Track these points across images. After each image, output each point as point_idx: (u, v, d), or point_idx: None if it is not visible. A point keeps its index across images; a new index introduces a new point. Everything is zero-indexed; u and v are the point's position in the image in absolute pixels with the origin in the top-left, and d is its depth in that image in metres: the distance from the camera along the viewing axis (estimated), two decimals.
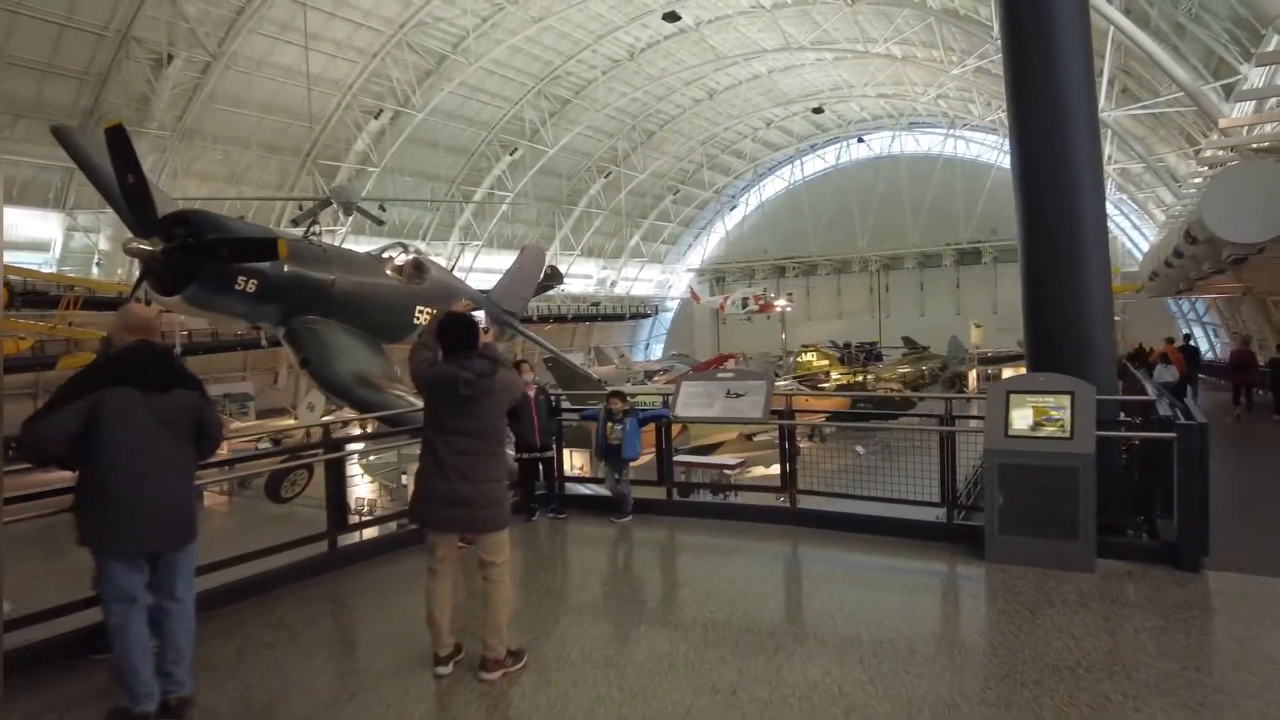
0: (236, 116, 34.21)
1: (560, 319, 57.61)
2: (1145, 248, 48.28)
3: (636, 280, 69.34)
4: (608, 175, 55.41)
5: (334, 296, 10.76)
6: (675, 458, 27.33)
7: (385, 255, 11.95)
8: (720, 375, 8.33)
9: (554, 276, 33.72)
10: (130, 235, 9.13)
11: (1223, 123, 13.71)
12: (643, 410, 8.66)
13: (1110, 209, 54.92)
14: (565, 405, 9.66)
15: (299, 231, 12.42)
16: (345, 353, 10.62)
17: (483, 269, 47.79)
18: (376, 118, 38.85)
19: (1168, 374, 14.00)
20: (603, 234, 61.09)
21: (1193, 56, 21.92)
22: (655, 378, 54.89)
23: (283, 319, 10.71)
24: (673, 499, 8.77)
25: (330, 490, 7.12)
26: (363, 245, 42.28)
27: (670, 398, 8.57)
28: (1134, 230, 53.78)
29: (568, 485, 9.15)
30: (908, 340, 59.38)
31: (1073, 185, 6.56)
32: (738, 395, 7.64)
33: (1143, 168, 37.85)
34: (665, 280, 74.10)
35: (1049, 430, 6.23)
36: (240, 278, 9.77)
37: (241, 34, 30.55)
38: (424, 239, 47.54)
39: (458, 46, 37.65)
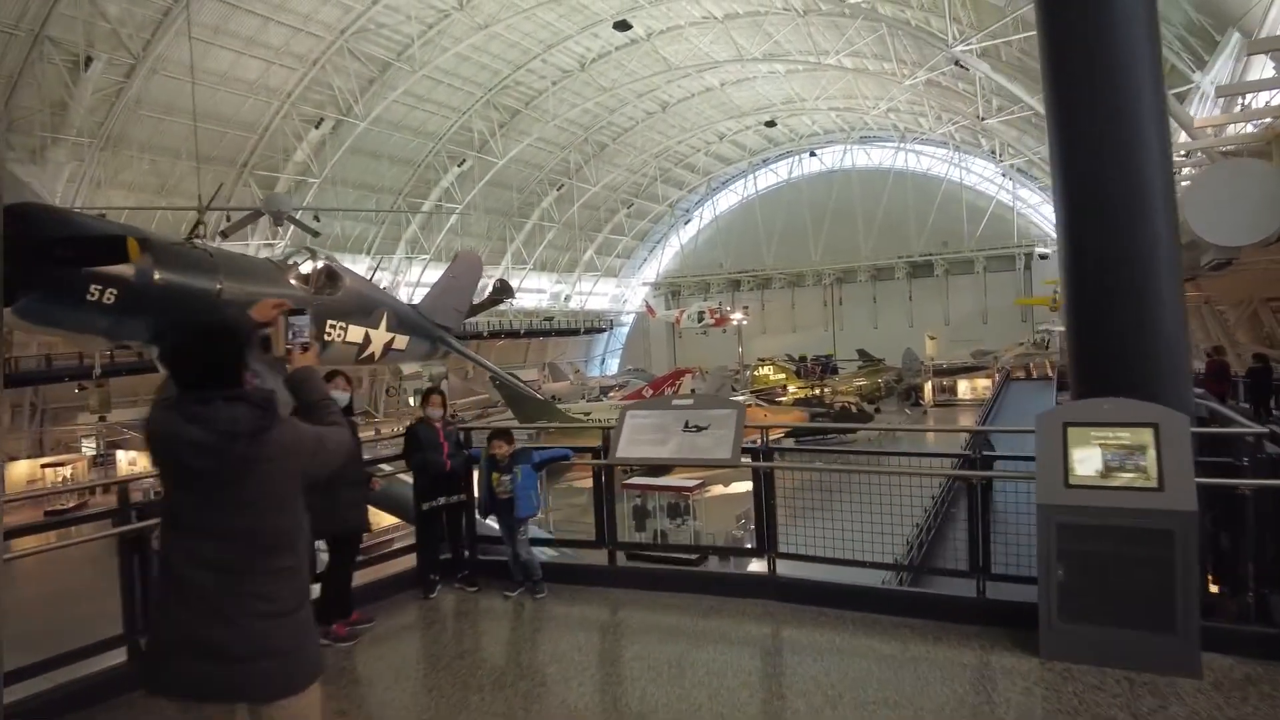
0: (166, 124, 32.45)
1: (512, 334, 56.36)
2: None
3: (591, 295, 68.39)
4: (560, 188, 54.47)
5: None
6: (626, 481, 26.30)
7: (290, 262, 10.54)
8: (677, 402, 6.40)
9: (504, 291, 32.53)
10: None
11: (1199, 121, 13.31)
12: (538, 452, 6.88)
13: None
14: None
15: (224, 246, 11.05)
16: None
17: (431, 283, 46.35)
18: (317, 127, 37.34)
19: None
20: (556, 248, 60.06)
21: None
22: (611, 393, 53.98)
23: (155, 336, 9.10)
24: (616, 565, 6.83)
25: (124, 582, 5.09)
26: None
27: (612, 432, 6.57)
28: None
29: (483, 547, 7.21)
30: (862, 353, 59.47)
31: (1139, 148, 5.05)
32: (698, 429, 5.93)
33: None
34: (620, 294, 73.30)
35: (1127, 478, 4.56)
36: (94, 286, 8.13)
37: (168, 36, 28.88)
38: (369, 253, 46.03)
39: (402, 54, 36.39)
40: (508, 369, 53.66)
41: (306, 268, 10.35)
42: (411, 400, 41.33)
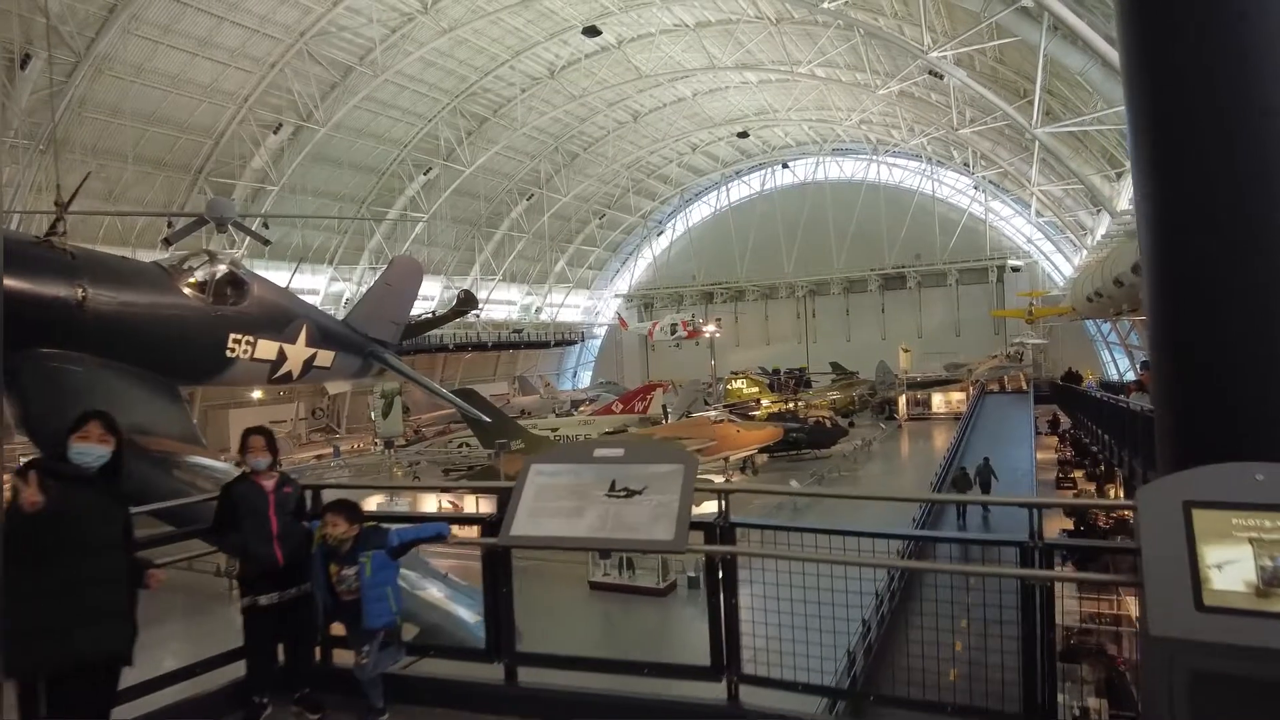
0: (114, 127, 31.04)
1: (480, 346, 55.17)
2: (1067, 271, 48.87)
3: (563, 307, 67.37)
4: (530, 198, 53.47)
5: (84, 320, 7.71)
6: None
7: (184, 266, 9.24)
8: (602, 452, 4.36)
9: (468, 302, 31.50)
10: None
11: None
12: (399, 532, 4.87)
13: (1033, 232, 56.01)
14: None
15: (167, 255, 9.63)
16: (100, 401, 6.82)
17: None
18: (276, 132, 36.03)
19: (1144, 403, 12.84)
20: (526, 259, 58.99)
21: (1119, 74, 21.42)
22: (581, 407, 52.92)
23: None
24: (516, 685, 4.61)
25: None
26: (266, 273, 39.52)
27: (511, 496, 4.41)
28: (1056, 254, 54.64)
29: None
30: (836, 366, 59.06)
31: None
32: (629, 492, 4.05)
33: (1064, 191, 37.96)
34: (593, 306, 72.35)
35: None
36: None
37: (114, 34, 27.58)
38: (330, 263, 44.73)
39: (364, 58, 35.27)
40: (475, 383, 52.55)
41: (203, 273, 9.04)
42: (373, 414, 39.78)
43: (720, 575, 4.28)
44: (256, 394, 41.11)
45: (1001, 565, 3.41)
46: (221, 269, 9.11)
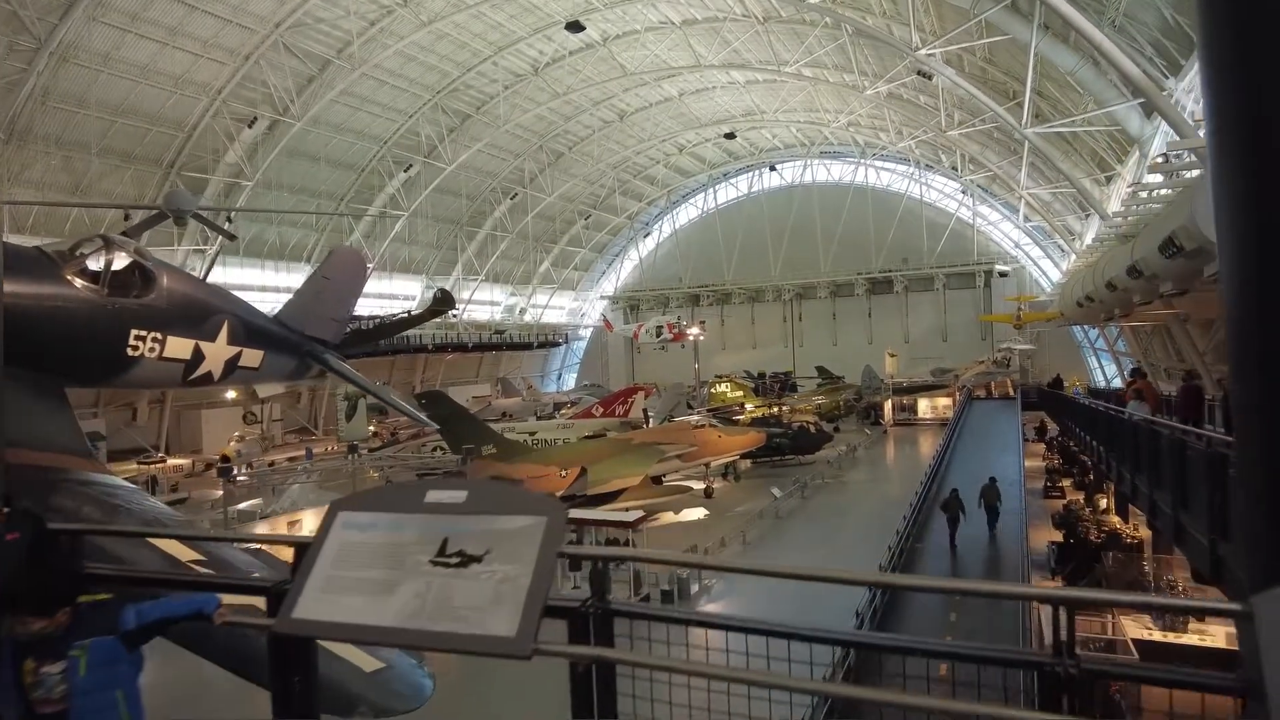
0: (80, 118, 30.08)
1: (460, 347, 54.25)
2: (1055, 276, 48.52)
3: (547, 308, 66.59)
4: (513, 197, 52.70)
5: None
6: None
7: (74, 253, 8.25)
8: (436, 496, 3.03)
9: (445, 301, 30.72)
10: None
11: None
12: (140, 610, 3.43)
13: (1021, 236, 55.68)
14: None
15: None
16: None
17: (375, 294, 44.21)
18: (250, 126, 35.11)
19: (1142, 412, 12.22)
20: (510, 259, 58.18)
21: (1111, 74, 20.91)
22: (562, 410, 52.14)
23: None
24: None
25: None
26: (241, 270, 38.60)
27: (305, 558, 3.10)
28: (1044, 259, 54.34)
29: None
30: (822, 370, 58.52)
31: None
32: (464, 559, 2.78)
33: (1052, 195, 37.54)
34: (578, 308, 71.61)
35: None
36: None
37: (79, 21, 26.64)
38: (308, 261, 43.74)
39: (342, 51, 34.41)
40: (457, 384, 51.69)
41: (97, 261, 8.03)
42: (341, 418, 38.67)
43: (593, 688, 2.82)
44: (230, 394, 40.05)
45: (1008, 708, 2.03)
46: (120, 256, 8.13)
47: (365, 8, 32.95)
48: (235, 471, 36.45)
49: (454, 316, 48.07)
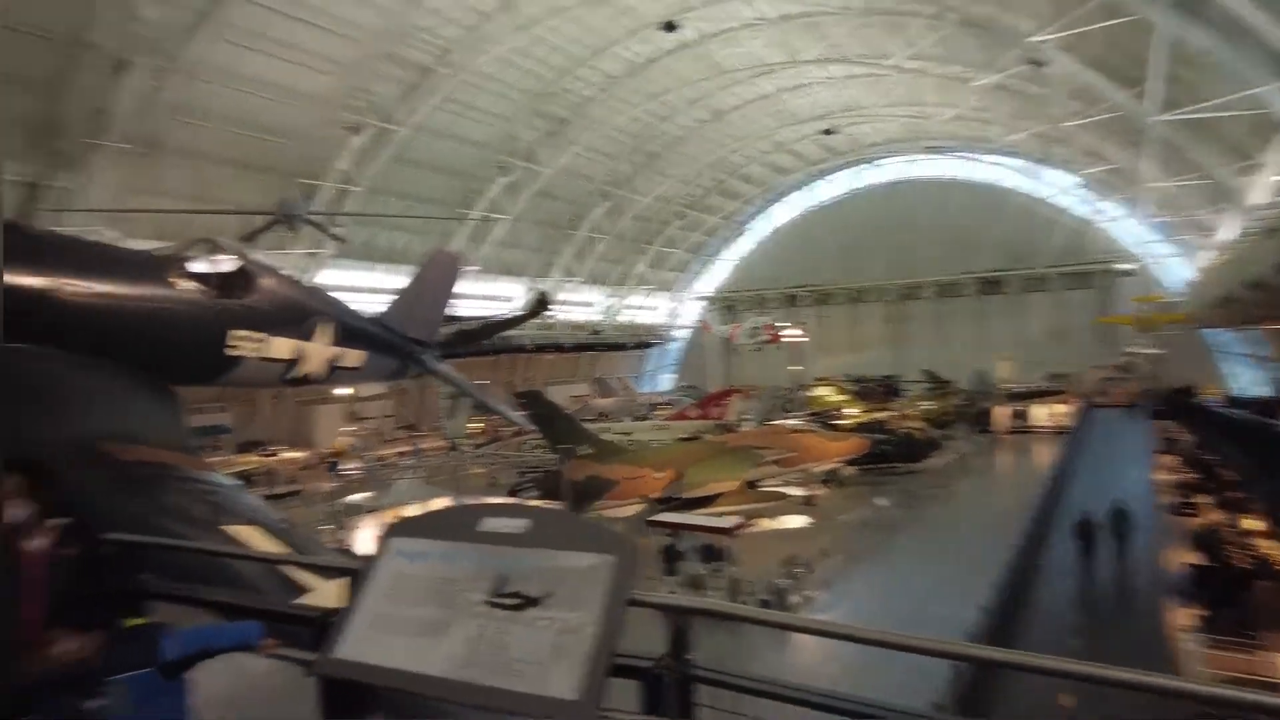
0: (206, 130, 31.99)
1: (558, 348, 55.02)
2: (1184, 275, 45.05)
3: (644, 309, 66.81)
4: (610, 200, 53.04)
5: (59, 313, 7.01)
6: (653, 517, 23.50)
7: (179, 255, 8.63)
8: (494, 524, 2.70)
9: (542, 303, 31.12)
10: None
11: None
12: (178, 639, 3.15)
13: (1145, 233, 51.97)
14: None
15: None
16: (70, 403, 6.70)
17: (479, 295, 45.34)
18: (357, 133, 36.57)
19: None
20: (607, 260, 58.60)
21: (1256, 52, 19.09)
22: (657, 412, 52.16)
23: None
24: None
25: None
26: (351, 273, 40.29)
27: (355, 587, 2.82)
28: (1171, 258, 50.54)
29: None
30: (929, 374, 56.21)
31: None
32: (520, 601, 2.42)
33: (1180, 188, 34.80)
34: (674, 309, 71.53)
35: None
36: None
37: (205, 40, 28.35)
38: (412, 264, 45.21)
39: (443, 58, 35.43)
40: (555, 384, 52.45)
41: (202, 263, 8.39)
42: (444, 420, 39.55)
43: None
44: (343, 391, 41.83)
45: None
46: (224, 259, 8.48)
47: (463, 15, 33.78)
48: (344, 466, 38.30)
49: (552, 317, 48.81)
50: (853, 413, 45.70)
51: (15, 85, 26.59)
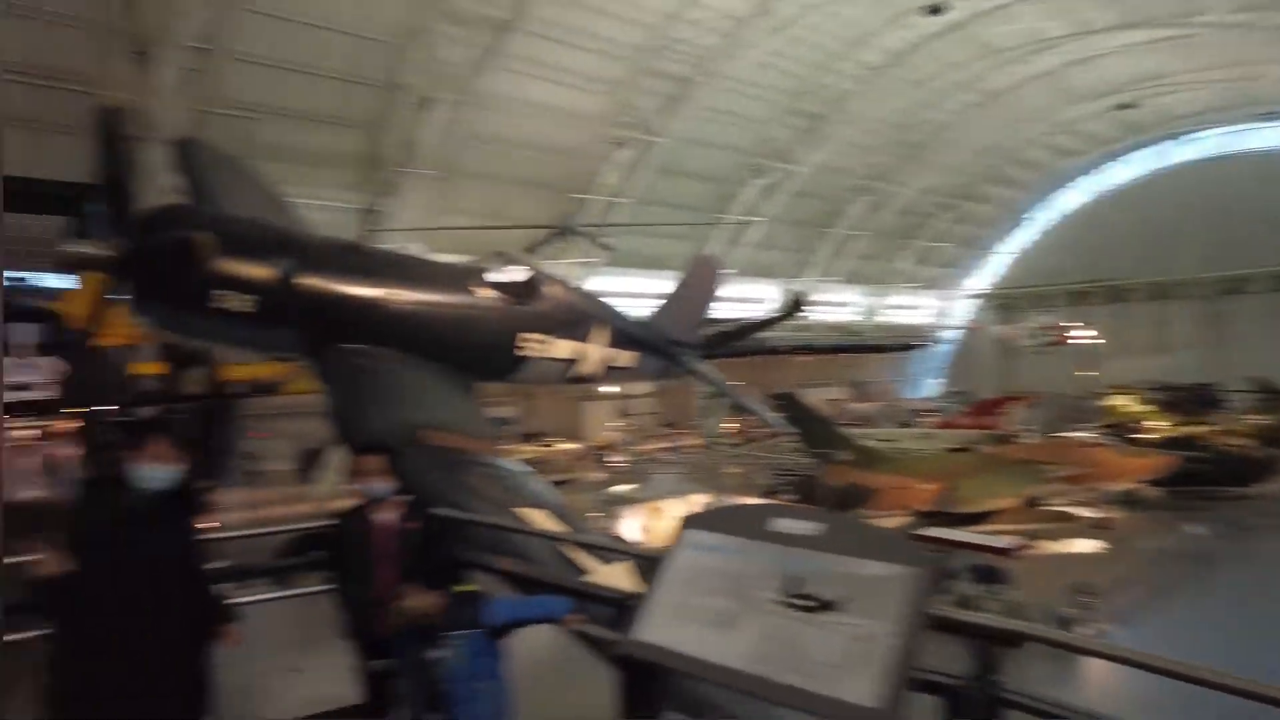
0: (494, 153, 35.83)
1: (814, 350, 54.19)
2: None
3: (907, 308, 63.77)
4: (870, 194, 51.38)
5: (386, 319, 8.32)
6: (917, 531, 22.38)
7: (479, 266, 9.96)
8: (785, 525, 2.85)
9: (796, 305, 31.01)
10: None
11: None
12: (501, 606, 3.79)
13: None
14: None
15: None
16: (400, 395, 7.84)
17: (734, 297, 46.14)
18: (622, 147, 38.94)
19: None
20: (867, 258, 56.74)
21: None
22: (923, 418, 49.50)
23: (310, 348, 8.14)
24: None
25: None
26: (618, 279, 42.95)
27: (655, 573, 3.16)
28: None
29: None
30: (1259, 382, 47.57)
31: None
32: (813, 604, 2.56)
33: None
34: (942, 307, 67.49)
35: None
36: (219, 292, 7.23)
37: (491, 72, 31.88)
38: (672, 269, 46.99)
39: (701, 68, 36.63)
40: (810, 388, 51.76)
41: (498, 273, 9.72)
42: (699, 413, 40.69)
43: None
44: (608, 389, 44.68)
45: None
46: (515, 270, 9.79)
47: (720, 23, 34.67)
48: (610, 459, 40.92)
49: (807, 318, 48.25)
50: (1159, 425, 39.94)
51: (348, 128, 31.85)
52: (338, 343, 7.97)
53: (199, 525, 3.75)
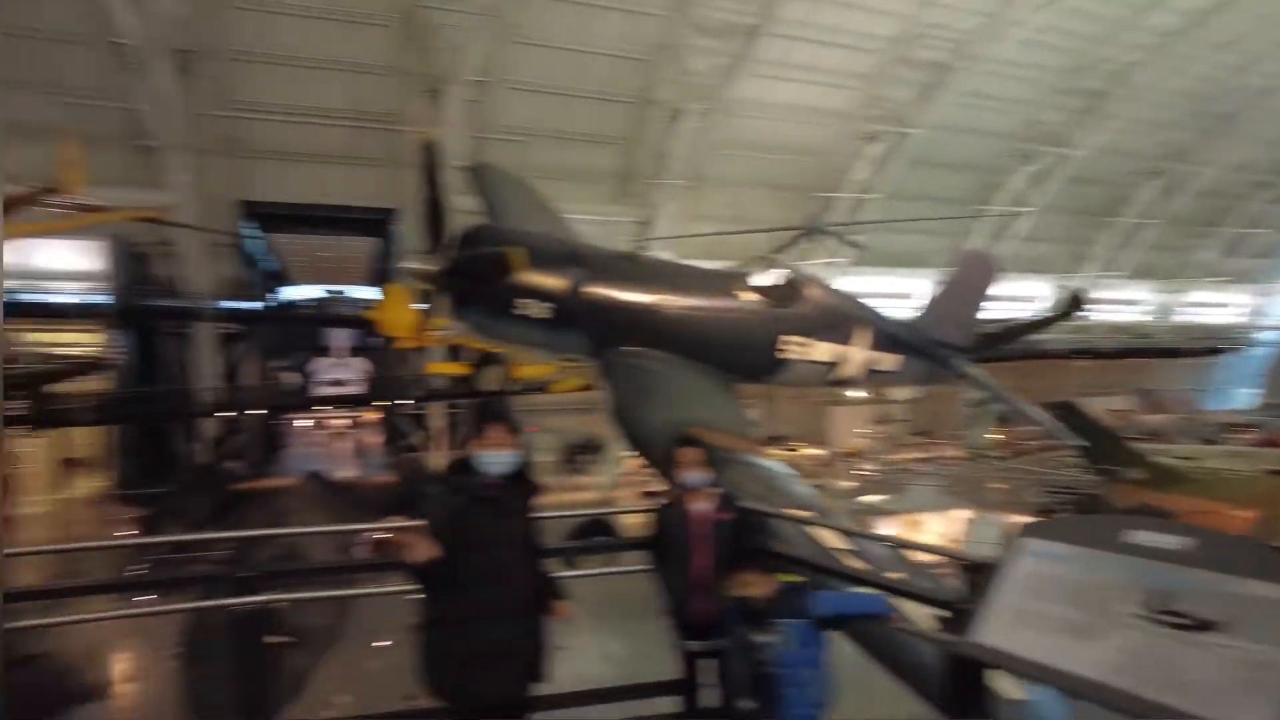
0: (742, 159, 36.24)
1: (1094, 354, 48.67)
2: None
3: (1212, 306, 55.32)
4: (1162, 175, 45.29)
5: (659, 323, 8.95)
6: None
7: (741, 271, 10.19)
8: (1142, 538, 2.67)
9: (1074, 303, 28.09)
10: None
11: None
12: (825, 597, 3.85)
13: None
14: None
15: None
16: (672, 395, 8.34)
17: (1000, 295, 42.79)
18: (873, 141, 37.65)
19: None
20: (1158, 249, 50.02)
21: None
22: (1234, 434, 42.65)
23: (594, 350, 8.93)
24: None
25: None
26: (869, 278, 41.61)
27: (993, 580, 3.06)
28: None
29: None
30: None
31: None
32: (1191, 624, 2.39)
33: None
34: (1259, 305, 57.80)
35: None
36: (522, 300, 8.31)
37: (739, 79, 32.26)
38: (929, 266, 44.61)
39: (959, 52, 34.46)
40: (1091, 395, 46.50)
41: (760, 278, 9.92)
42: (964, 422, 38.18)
43: None
44: (859, 393, 43.32)
45: None
46: (776, 273, 9.97)
47: (981, 3, 32.43)
48: (858, 467, 39.56)
49: (1086, 318, 43.48)
50: None
51: (606, 144, 33.78)
52: (618, 345, 8.69)
53: (536, 506, 4.09)
